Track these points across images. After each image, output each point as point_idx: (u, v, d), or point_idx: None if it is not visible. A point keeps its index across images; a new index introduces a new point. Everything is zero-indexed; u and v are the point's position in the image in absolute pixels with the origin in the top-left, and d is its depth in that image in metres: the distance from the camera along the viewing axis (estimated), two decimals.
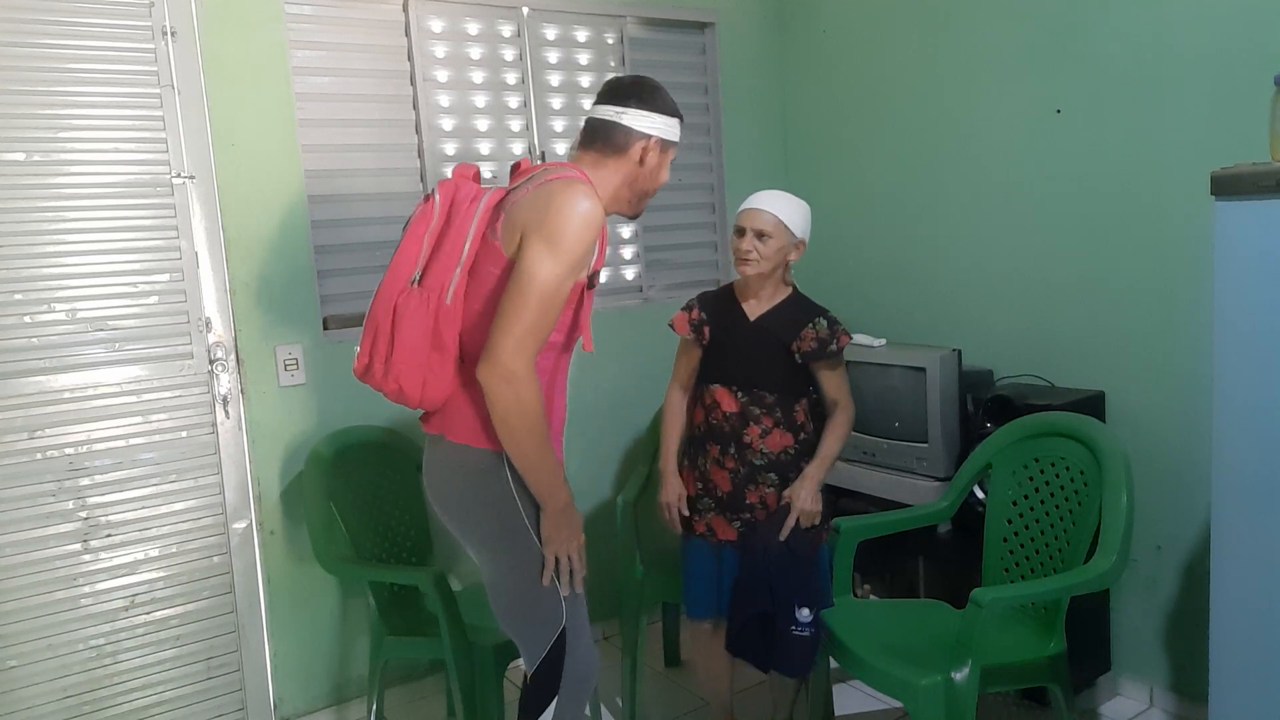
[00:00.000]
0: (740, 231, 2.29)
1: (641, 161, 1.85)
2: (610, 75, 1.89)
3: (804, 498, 2.26)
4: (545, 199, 1.68)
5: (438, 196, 1.77)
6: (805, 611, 2.24)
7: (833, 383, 2.34)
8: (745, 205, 2.32)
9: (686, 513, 2.37)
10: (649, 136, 1.84)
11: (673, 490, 2.38)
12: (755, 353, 2.32)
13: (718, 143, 3.56)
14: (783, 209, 2.27)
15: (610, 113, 1.83)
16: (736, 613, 2.30)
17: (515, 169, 1.89)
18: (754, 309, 2.36)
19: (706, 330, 2.38)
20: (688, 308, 2.44)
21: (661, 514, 2.40)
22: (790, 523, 2.25)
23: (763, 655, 2.30)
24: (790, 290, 2.38)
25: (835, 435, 2.32)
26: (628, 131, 1.83)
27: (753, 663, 2.33)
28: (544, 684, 1.81)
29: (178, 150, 2.51)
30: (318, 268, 2.76)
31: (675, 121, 1.89)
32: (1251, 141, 2.02)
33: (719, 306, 2.40)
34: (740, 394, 2.32)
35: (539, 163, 1.86)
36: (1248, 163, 1.79)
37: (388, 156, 2.88)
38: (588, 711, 2.72)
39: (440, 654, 2.42)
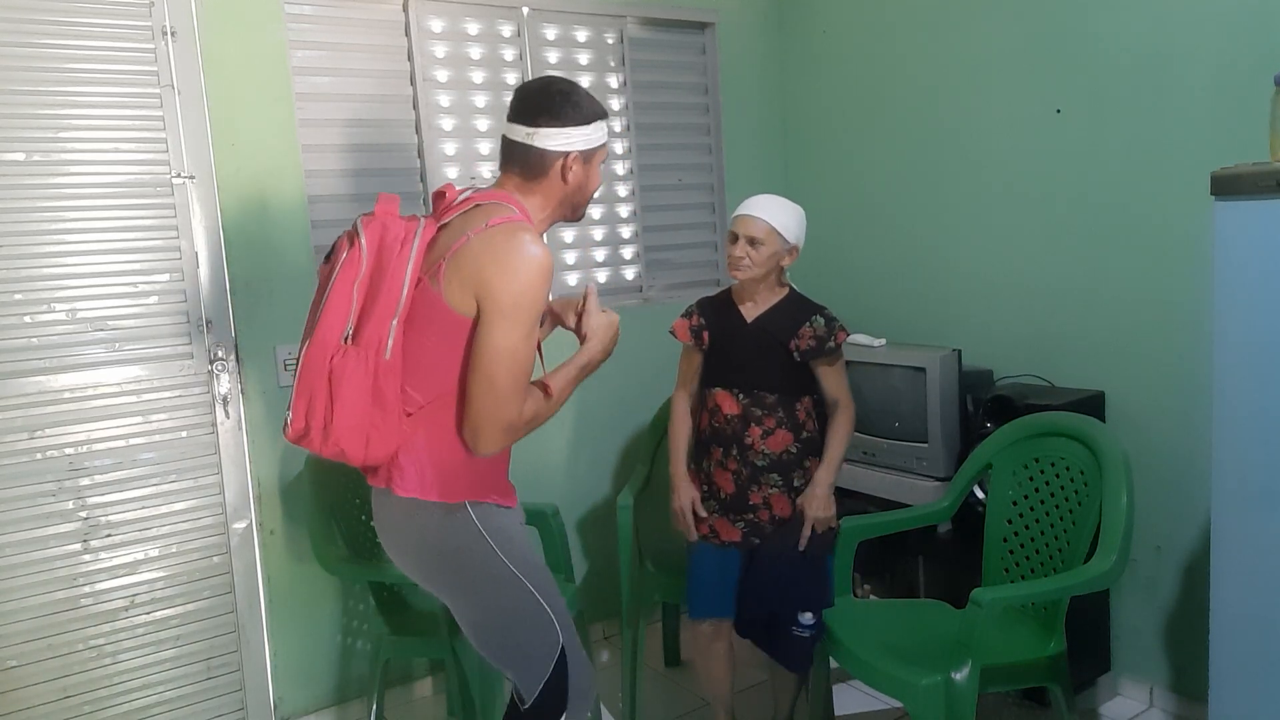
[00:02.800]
0: (733, 237, 2.29)
1: (565, 179, 1.72)
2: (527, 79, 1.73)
3: (816, 506, 2.27)
4: (491, 255, 1.59)
5: (364, 240, 1.62)
6: (808, 615, 2.28)
7: (832, 380, 2.34)
8: (739, 211, 2.31)
9: (704, 514, 2.38)
10: (566, 153, 1.71)
11: (685, 496, 2.38)
12: (754, 354, 2.33)
13: (718, 143, 3.56)
14: (776, 215, 2.27)
15: (521, 134, 1.69)
16: (745, 604, 2.33)
17: (439, 198, 1.74)
18: (751, 311, 2.36)
19: (706, 335, 2.39)
20: (687, 314, 2.44)
21: (675, 520, 2.41)
22: (807, 532, 2.28)
23: (767, 641, 2.34)
24: (787, 290, 2.38)
25: (839, 437, 2.33)
26: (542, 154, 1.69)
27: (758, 644, 2.37)
28: (548, 706, 1.77)
29: (178, 150, 2.51)
30: (318, 267, 2.75)
31: (596, 125, 1.73)
32: (1251, 141, 2.02)
33: (718, 311, 2.41)
34: (741, 396, 2.32)
35: (464, 190, 1.75)
36: (1248, 163, 1.79)
37: (388, 156, 2.88)
38: (588, 712, 2.72)
39: (440, 654, 2.42)
